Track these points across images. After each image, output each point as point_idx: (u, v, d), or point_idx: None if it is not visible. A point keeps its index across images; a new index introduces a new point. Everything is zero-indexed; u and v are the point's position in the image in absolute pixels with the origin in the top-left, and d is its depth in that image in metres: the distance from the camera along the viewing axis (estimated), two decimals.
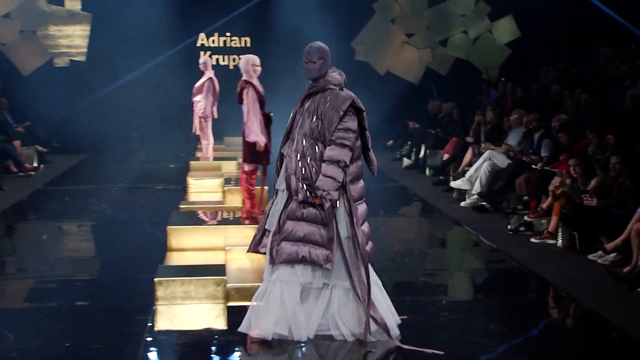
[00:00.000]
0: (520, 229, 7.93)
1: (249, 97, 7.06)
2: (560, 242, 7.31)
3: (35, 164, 12.48)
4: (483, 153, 9.65)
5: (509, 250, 7.21)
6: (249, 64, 7.24)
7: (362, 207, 4.62)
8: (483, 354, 4.61)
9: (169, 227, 6.55)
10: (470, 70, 16.00)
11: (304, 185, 4.46)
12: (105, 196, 10.01)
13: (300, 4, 15.43)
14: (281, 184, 4.62)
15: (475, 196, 9.28)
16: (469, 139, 11.06)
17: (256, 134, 7.05)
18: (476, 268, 7.03)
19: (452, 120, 12.92)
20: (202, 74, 10.98)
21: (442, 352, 4.51)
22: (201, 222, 6.85)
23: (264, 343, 4.55)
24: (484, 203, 9.10)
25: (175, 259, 6.27)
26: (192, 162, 10.85)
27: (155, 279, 5.28)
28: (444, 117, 13.50)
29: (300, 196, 4.46)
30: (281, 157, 4.70)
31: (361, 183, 4.64)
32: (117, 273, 6.49)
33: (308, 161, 4.47)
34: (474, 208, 9.19)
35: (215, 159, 11.13)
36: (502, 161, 9.35)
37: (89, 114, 14.91)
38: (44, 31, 15.35)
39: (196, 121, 11.07)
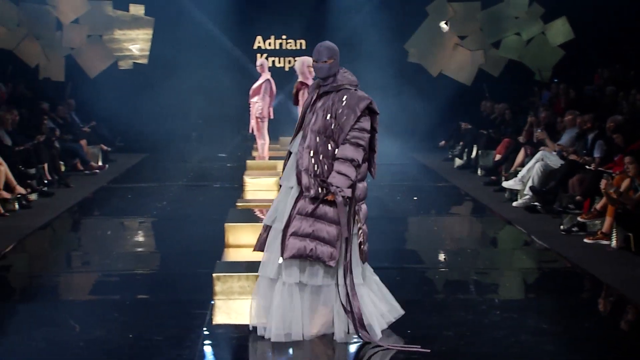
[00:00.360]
0: (573, 229, 7.76)
1: (305, 98, 7.09)
2: (614, 242, 7.13)
3: (100, 163, 12.75)
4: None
5: (561, 250, 7.07)
6: (305, 66, 7.29)
7: (364, 207, 4.59)
8: (535, 353, 4.52)
9: (226, 224, 6.61)
10: (523, 71, 15.74)
11: (317, 182, 4.42)
12: (165, 194, 10.16)
13: (355, 7, 15.41)
14: (289, 180, 4.57)
15: (528, 196, 9.13)
16: (522, 140, 10.89)
17: None
18: (528, 267, 6.91)
19: (504, 121, 12.74)
20: (259, 75, 11.05)
21: (428, 350, 4.41)
22: (257, 220, 6.88)
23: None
24: (536, 203, 8.95)
25: (233, 255, 6.32)
26: (248, 161, 10.94)
27: (214, 275, 5.33)
28: (496, 117, 13.33)
29: (312, 192, 4.41)
30: (289, 154, 4.68)
31: (365, 183, 4.59)
32: (177, 268, 6.58)
33: (320, 158, 4.43)
34: (526, 208, 9.04)
35: (270, 158, 11.18)
36: (555, 161, 9.17)
37: (150, 115, 15.16)
38: (109, 35, 15.66)
39: (253, 121, 11.15)
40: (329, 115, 4.47)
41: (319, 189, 4.41)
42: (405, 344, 4.52)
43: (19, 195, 9.06)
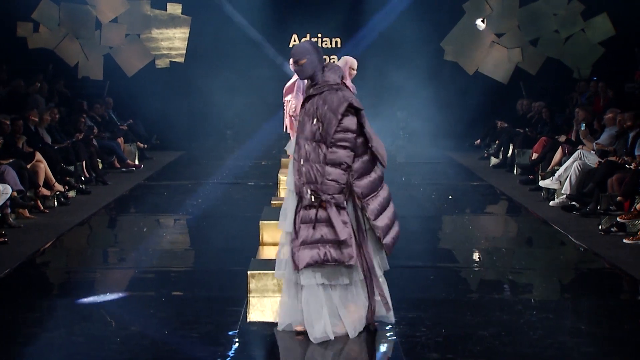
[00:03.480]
0: (612, 229, 7.63)
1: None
2: None
3: (136, 161, 12.89)
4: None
5: (599, 251, 6.96)
6: (347, 66, 7.29)
7: (375, 201, 4.55)
8: (573, 355, 4.46)
9: (261, 222, 6.63)
10: (561, 69, 15.52)
11: (309, 190, 4.44)
12: (200, 191, 10.24)
13: (391, 4, 15.35)
14: (290, 183, 4.60)
15: (565, 196, 9.00)
16: (560, 139, 10.73)
17: None
18: (565, 267, 6.82)
19: (542, 119, 12.59)
20: (293, 73, 11.07)
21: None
22: None
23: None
24: (573, 203, 8.82)
25: (267, 252, 6.34)
26: (283, 159, 10.94)
27: (249, 272, 5.34)
28: (533, 116, 13.17)
29: (306, 201, 4.46)
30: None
31: (371, 177, 4.57)
32: (212, 265, 6.62)
33: (312, 165, 4.46)
34: (563, 208, 8.92)
35: None
36: (593, 160, 9.03)
37: (186, 113, 15.30)
38: (147, 34, 15.83)
39: (287, 120, 11.14)
40: (315, 120, 4.50)
41: (312, 198, 4.44)
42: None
43: (57, 193, 9.21)
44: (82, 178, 10.50)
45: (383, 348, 4.54)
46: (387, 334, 4.70)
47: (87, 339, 4.69)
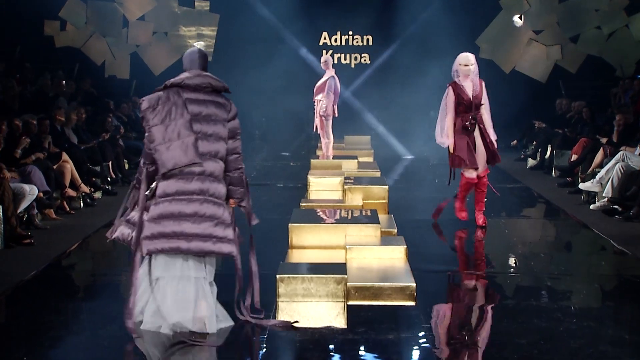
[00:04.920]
0: None
1: (448, 98, 7.58)
2: None
3: None
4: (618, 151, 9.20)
5: None
6: (456, 63, 7.62)
7: (161, 205, 4.70)
8: None
9: (290, 225, 6.65)
10: (603, 67, 15.33)
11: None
12: None
13: (424, 1, 15.30)
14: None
15: (606, 199, 8.89)
16: (602, 140, 10.59)
17: (439, 136, 7.66)
18: (606, 274, 6.73)
19: (582, 119, 12.45)
20: (323, 72, 11.09)
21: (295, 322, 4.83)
22: (322, 220, 6.91)
23: None
24: (615, 206, 8.70)
25: (297, 256, 6.35)
26: (312, 161, 10.98)
27: (277, 276, 5.37)
28: (572, 116, 13.03)
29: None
30: None
31: (170, 182, 4.72)
32: (241, 269, 6.63)
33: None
34: (604, 211, 8.80)
35: (335, 157, 11.21)
36: (637, 162, 8.90)
37: None
38: (174, 32, 15.97)
39: (317, 120, 11.19)
40: None
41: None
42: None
43: (83, 194, 9.32)
44: (109, 179, 10.62)
45: (416, 356, 4.52)
46: (420, 341, 4.67)
47: (112, 342, 4.74)
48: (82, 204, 9.25)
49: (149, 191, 4.80)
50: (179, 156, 4.67)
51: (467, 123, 7.49)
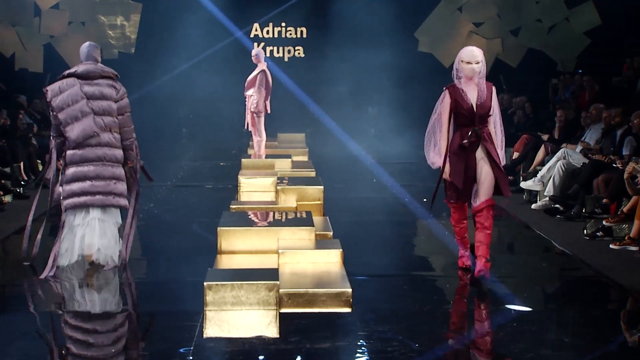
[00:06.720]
0: (597, 234, 7.76)
1: (442, 104, 6.23)
2: None
3: None
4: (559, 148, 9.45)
5: (585, 257, 7.07)
6: (457, 60, 6.16)
7: (71, 169, 6.44)
8: None
9: (219, 229, 6.62)
10: (544, 61, 15.73)
11: None
12: (152, 195, 10.16)
13: None
14: None
15: (547, 198, 9.13)
16: (543, 136, 10.87)
17: (430, 153, 6.34)
18: (548, 275, 6.91)
19: (524, 115, 12.74)
20: (254, 66, 11.07)
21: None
22: (253, 223, 6.90)
23: None
24: (557, 206, 8.95)
25: (226, 262, 6.33)
26: (243, 160, 10.95)
27: (205, 283, 5.34)
28: (513, 112, 13.32)
29: None
30: None
31: (77, 151, 6.39)
32: (165, 276, 6.59)
33: None
34: (546, 211, 9.04)
35: (267, 156, 11.20)
36: (578, 160, 9.17)
37: (136, 109, 15.13)
38: (92, 22, 15.69)
39: (248, 116, 11.17)
40: None
41: None
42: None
43: None
44: (21, 181, 10.37)
45: None
46: (357, 349, 4.72)
47: (23, 358, 4.63)
48: None
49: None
50: (80, 131, 6.34)
51: (464, 141, 6.08)
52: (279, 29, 16.42)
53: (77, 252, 6.46)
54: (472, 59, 6.09)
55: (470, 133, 6.07)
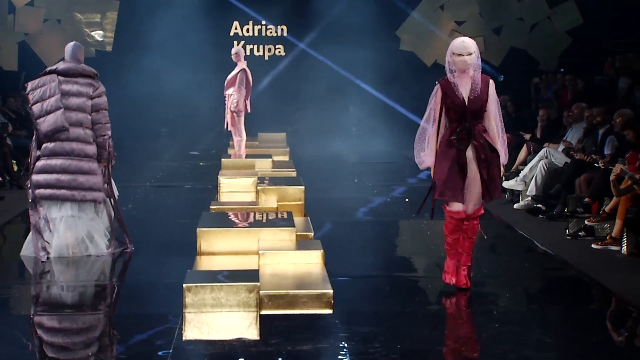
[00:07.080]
0: (579, 233, 7.82)
1: (435, 100, 5.95)
2: (624, 248, 7.19)
3: None
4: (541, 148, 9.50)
5: (567, 257, 7.12)
6: (449, 53, 5.82)
7: (41, 162, 6.80)
8: None
9: (198, 229, 6.61)
10: (526, 60, 15.83)
11: None
12: (130, 196, 10.11)
13: None
14: None
15: (530, 198, 9.19)
16: (525, 136, 10.93)
17: (418, 152, 5.96)
18: (530, 276, 6.95)
19: (506, 114, 12.80)
20: (234, 65, 11.06)
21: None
22: (233, 224, 6.89)
23: None
24: (539, 205, 9.01)
25: (205, 263, 6.32)
26: (223, 160, 10.93)
27: (184, 285, 5.32)
28: None
29: None
30: None
31: (48, 145, 6.76)
32: (144, 278, 6.56)
33: None
34: (528, 210, 9.10)
35: (248, 156, 11.19)
36: (560, 160, 9.24)
37: (114, 108, 15.04)
38: (68, 19, 15.58)
39: (228, 116, 11.16)
40: None
41: None
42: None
43: None
44: None
45: None
46: (338, 351, 4.72)
47: None
48: None
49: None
50: (51, 124, 6.67)
51: (452, 137, 5.78)
52: (259, 27, 16.40)
53: (55, 249, 6.72)
54: (463, 51, 5.71)
55: (459, 129, 5.75)
